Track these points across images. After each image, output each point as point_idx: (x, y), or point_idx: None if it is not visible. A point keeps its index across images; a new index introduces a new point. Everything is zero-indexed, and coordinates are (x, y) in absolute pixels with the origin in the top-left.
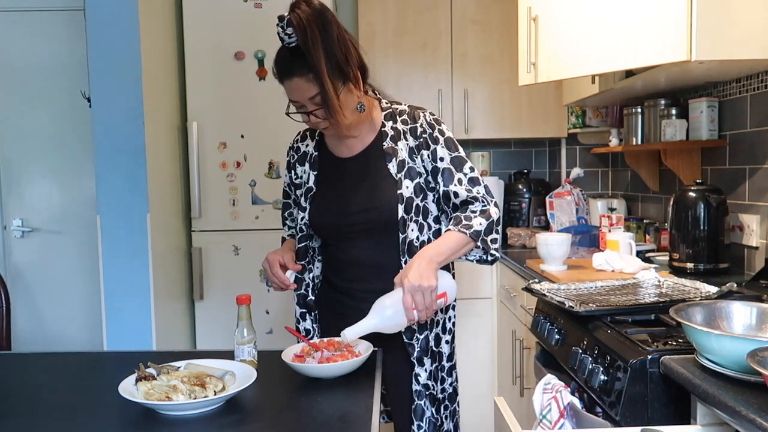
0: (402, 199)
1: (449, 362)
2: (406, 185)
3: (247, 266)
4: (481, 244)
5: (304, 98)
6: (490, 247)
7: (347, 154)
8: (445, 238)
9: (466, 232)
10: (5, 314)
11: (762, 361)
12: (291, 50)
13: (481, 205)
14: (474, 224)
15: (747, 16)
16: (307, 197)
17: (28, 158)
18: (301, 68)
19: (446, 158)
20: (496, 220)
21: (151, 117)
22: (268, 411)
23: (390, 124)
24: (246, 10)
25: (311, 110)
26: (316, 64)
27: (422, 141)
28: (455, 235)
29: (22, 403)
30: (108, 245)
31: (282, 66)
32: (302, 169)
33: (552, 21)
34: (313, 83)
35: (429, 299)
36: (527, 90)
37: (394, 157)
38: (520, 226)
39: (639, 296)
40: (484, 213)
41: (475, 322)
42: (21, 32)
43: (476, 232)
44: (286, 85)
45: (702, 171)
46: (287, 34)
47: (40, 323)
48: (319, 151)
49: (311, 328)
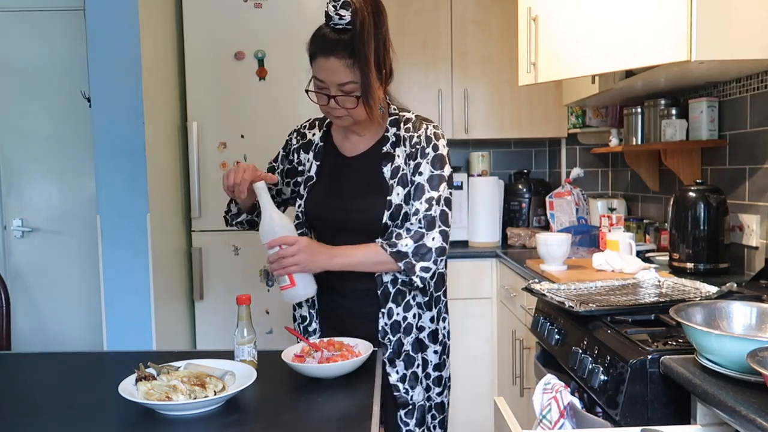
0: (390, 205)
1: (436, 372)
2: (397, 192)
3: (247, 266)
4: (403, 266)
5: (333, 81)
6: (415, 272)
7: (350, 152)
8: (361, 248)
9: (387, 249)
10: (5, 314)
11: (762, 361)
12: (336, 30)
13: (418, 226)
14: (399, 244)
15: (747, 16)
16: (306, 186)
17: (28, 158)
18: (342, 51)
19: (425, 174)
20: (433, 249)
21: (151, 117)
22: (268, 411)
23: (393, 130)
24: (246, 10)
25: (334, 95)
26: (364, 54)
27: (413, 151)
28: (375, 249)
29: (22, 403)
30: (108, 245)
31: (323, 42)
32: (305, 156)
33: (552, 21)
34: (350, 70)
35: (288, 263)
36: (527, 90)
37: (391, 163)
38: (520, 226)
39: (639, 296)
40: (417, 236)
41: (475, 322)
42: (21, 32)
43: (400, 252)
44: (320, 63)
45: (702, 171)
46: (338, 14)
47: (40, 323)
48: (324, 143)
49: (307, 314)
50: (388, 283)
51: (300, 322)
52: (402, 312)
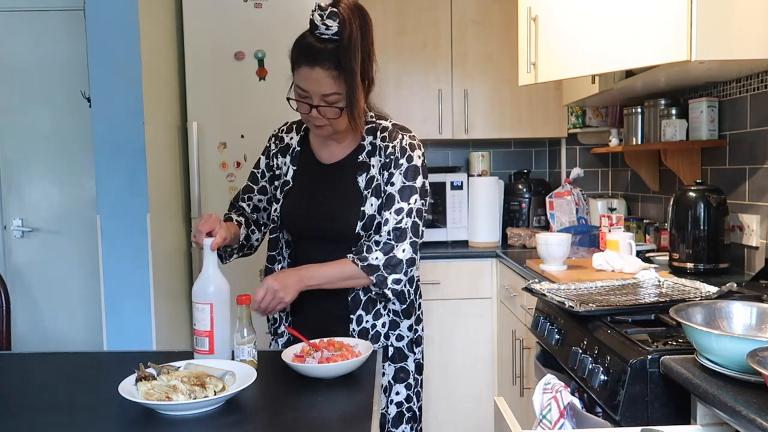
0: (363, 215)
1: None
2: (371, 203)
3: (246, 266)
4: (375, 279)
5: (317, 92)
6: (387, 285)
7: (327, 159)
8: (332, 265)
9: (358, 263)
10: (5, 314)
11: (762, 361)
12: (321, 39)
13: (387, 238)
14: (370, 258)
15: (747, 16)
16: (283, 190)
17: (28, 158)
18: (327, 61)
19: (397, 184)
20: (403, 260)
21: (151, 117)
22: (268, 411)
23: (369, 139)
24: (246, 10)
25: (316, 104)
26: (351, 66)
27: (387, 162)
28: (344, 263)
29: (22, 403)
30: (108, 245)
31: (307, 52)
32: (283, 160)
33: (552, 21)
34: (334, 81)
35: (273, 305)
36: (527, 90)
37: (366, 172)
38: (520, 226)
39: (639, 296)
40: (386, 248)
41: (475, 322)
42: (21, 32)
43: (370, 266)
44: (304, 72)
45: (702, 171)
46: (325, 24)
47: (40, 323)
48: (302, 148)
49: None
50: (360, 291)
51: (272, 324)
52: (371, 320)
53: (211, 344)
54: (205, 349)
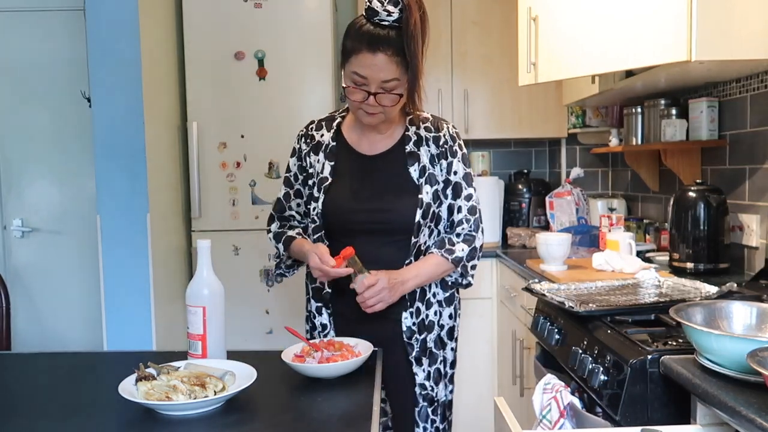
0: (422, 204)
1: (452, 369)
2: (426, 191)
3: (247, 266)
4: (460, 269)
5: (377, 78)
6: (468, 273)
7: (368, 150)
8: (426, 263)
9: (447, 257)
10: (5, 314)
11: (762, 361)
12: (381, 26)
13: (468, 229)
14: (456, 250)
15: (747, 16)
16: (321, 187)
17: (28, 158)
18: (390, 47)
19: (460, 173)
20: (479, 247)
21: (151, 117)
22: (268, 411)
23: (413, 129)
24: (246, 10)
25: (374, 92)
26: (415, 51)
27: (443, 151)
28: (436, 259)
29: (22, 403)
30: (108, 245)
31: (369, 38)
32: (316, 158)
33: (552, 21)
34: (395, 67)
35: (373, 301)
36: (527, 90)
37: (417, 162)
38: (520, 226)
39: (639, 296)
40: (469, 239)
41: (475, 322)
42: (21, 32)
43: (458, 258)
44: (364, 58)
45: (702, 171)
46: (386, 10)
47: (40, 323)
48: (338, 142)
49: (328, 322)
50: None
51: (321, 331)
52: (425, 310)
53: (204, 348)
54: (198, 353)
